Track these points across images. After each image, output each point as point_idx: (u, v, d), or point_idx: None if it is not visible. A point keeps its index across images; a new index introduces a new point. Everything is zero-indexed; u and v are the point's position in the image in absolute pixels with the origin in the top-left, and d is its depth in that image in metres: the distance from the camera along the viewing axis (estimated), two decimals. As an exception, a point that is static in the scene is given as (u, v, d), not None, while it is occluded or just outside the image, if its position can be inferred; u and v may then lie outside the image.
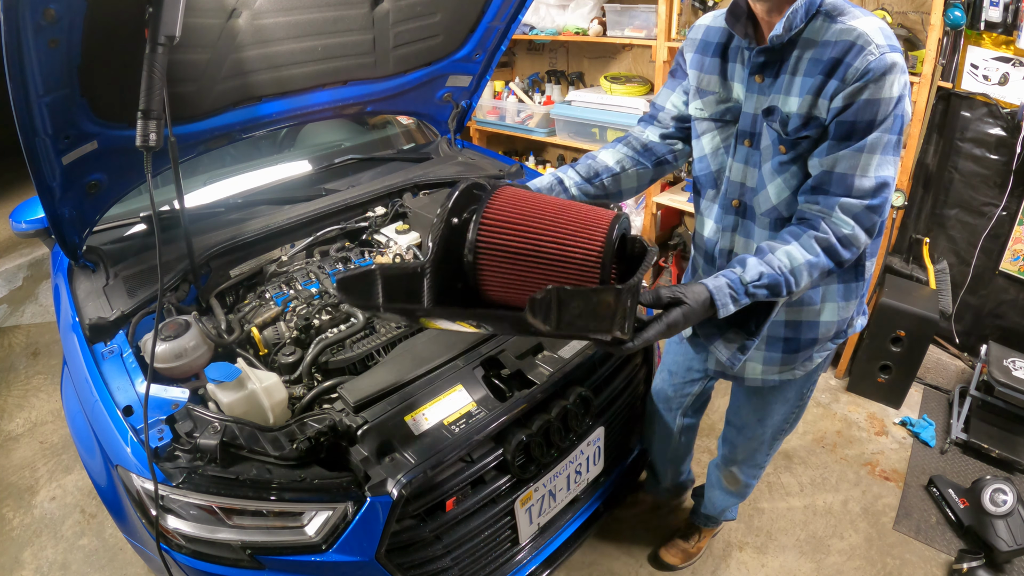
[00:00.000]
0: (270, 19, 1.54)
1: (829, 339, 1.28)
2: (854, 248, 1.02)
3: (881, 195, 1.00)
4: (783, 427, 1.51)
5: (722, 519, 1.89)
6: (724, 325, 1.07)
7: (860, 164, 0.99)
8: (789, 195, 1.11)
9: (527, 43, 3.83)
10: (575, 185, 1.27)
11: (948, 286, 2.72)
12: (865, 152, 0.98)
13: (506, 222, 0.87)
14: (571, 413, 1.48)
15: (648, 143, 1.33)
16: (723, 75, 1.16)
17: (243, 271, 1.78)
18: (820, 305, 1.22)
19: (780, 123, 1.07)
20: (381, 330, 1.62)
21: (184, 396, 1.20)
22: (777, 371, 1.32)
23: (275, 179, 2.23)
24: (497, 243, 0.86)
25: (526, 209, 0.88)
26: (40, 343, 3.18)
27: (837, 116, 0.99)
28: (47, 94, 1.15)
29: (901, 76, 0.96)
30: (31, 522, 2.16)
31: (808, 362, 1.31)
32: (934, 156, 2.61)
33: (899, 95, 0.97)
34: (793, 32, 1.01)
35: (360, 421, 1.28)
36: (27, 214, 1.83)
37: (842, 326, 1.27)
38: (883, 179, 0.99)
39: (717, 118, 1.20)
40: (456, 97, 2.34)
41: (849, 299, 1.23)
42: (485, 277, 0.87)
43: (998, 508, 1.90)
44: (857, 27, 0.97)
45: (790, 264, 0.99)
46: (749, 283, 0.97)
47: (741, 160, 1.17)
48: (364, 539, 1.19)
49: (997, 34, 2.26)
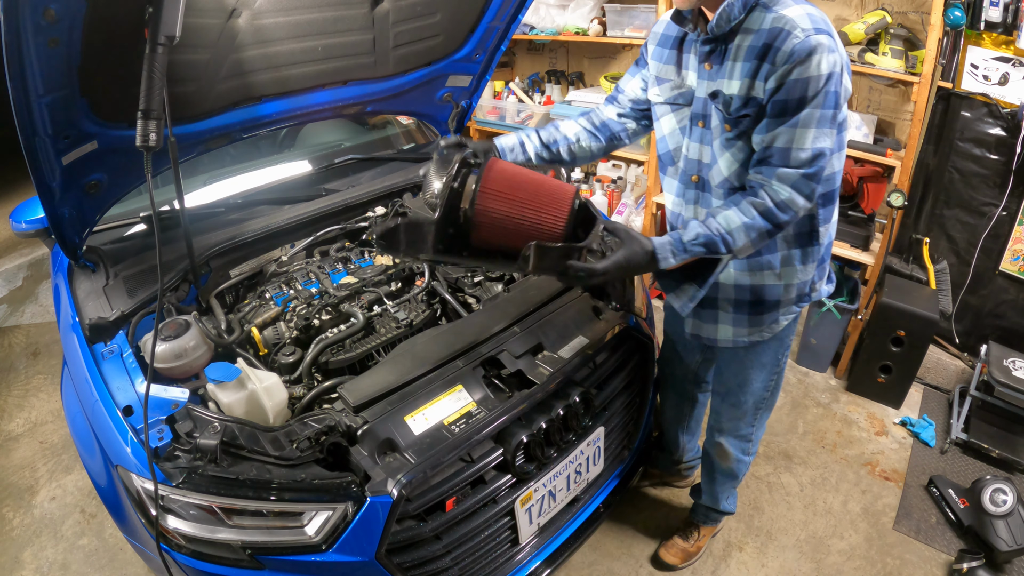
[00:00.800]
0: (270, 19, 1.54)
1: (792, 302, 1.40)
2: (791, 211, 1.14)
3: (816, 164, 1.12)
4: (763, 395, 1.58)
5: (721, 510, 1.88)
6: (680, 279, 1.29)
7: (796, 137, 1.10)
8: (738, 167, 1.25)
9: (527, 43, 3.83)
10: (533, 149, 1.48)
11: (948, 286, 2.72)
12: (799, 127, 1.10)
13: (497, 190, 1.12)
14: (571, 413, 1.48)
15: (606, 120, 1.52)
16: (678, 64, 1.30)
17: (243, 271, 1.78)
18: (780, 269, 1.35)
19: (723, 104, 1.20)
20: (381, 330, 1.62)
21: (184, 396, 1.20)
22: (747, 333, 1.44)
23: (275, 179, 2.23)
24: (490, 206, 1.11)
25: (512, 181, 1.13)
26: (40, 343, 3.18)
27: (772, 96, 1.11)
28: (47, 94, 1.15)
29: (829, 55, 1.06)
30: (31, 522, 2.16)
31: (774, 324, 1.42)
32: (934, 156, 2.62)
33: (828, 72, 1.07)
34: (734, 23, 1.14)
35: (360, 421, 1.28)
36: (27, 214, 1.83)
37: (803, 288, 1.39)
38: (819, 150, 1.11)
39: (672, 102, 1.34)
40: (456, 97, 2.34)
41: (807, 263, 1.35)
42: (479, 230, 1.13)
43: (998, 508, 1.90)
44: (786, 14, 1.08)
45: (727, 226, 1.15)
46: (687, 241, 1.16)
47: (696, 140, 1.31)
48: (364, 539, 1.19)
49: (997, 34, 2.26)
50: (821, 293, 1.44)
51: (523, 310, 1.61)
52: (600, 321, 1.65)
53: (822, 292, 1.44)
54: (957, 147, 2.52)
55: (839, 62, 1.08)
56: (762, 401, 1.60)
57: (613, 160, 3.56)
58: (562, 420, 1.47)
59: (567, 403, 1.47)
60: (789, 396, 2.65)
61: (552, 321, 1.59)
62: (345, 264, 1.84)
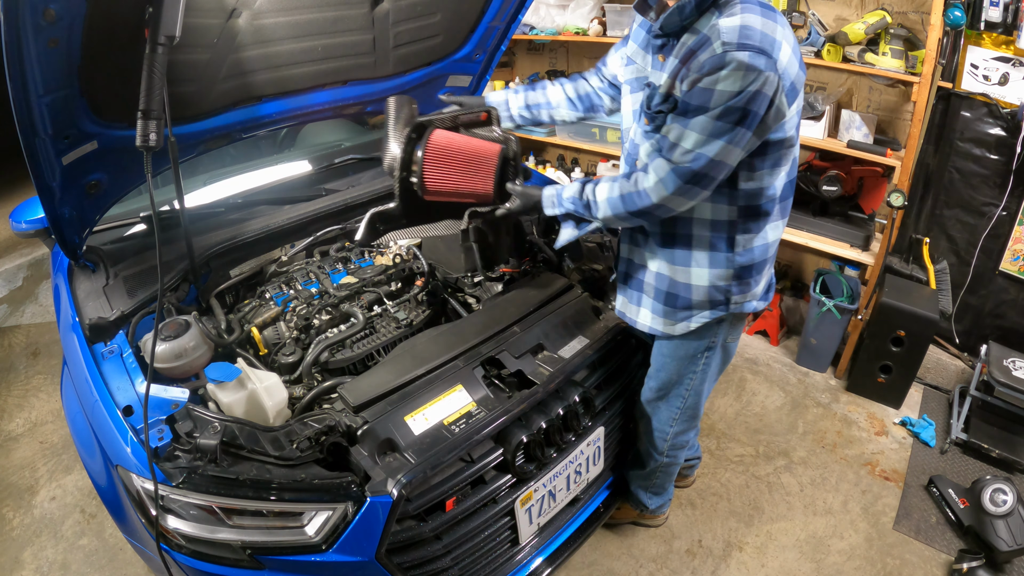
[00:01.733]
0: (270, 19, 1.54)
1: (704, 306, 1.40)
2: (651, 200, 1.20)
3: (694, 165, 1.14)
4: (675, 398, 1.59)
5: (636, 497, 1.90)
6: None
7: (683, 135, 1.14)
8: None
9: (527, 43, 3.83)
10: (517, 108, 1.59)
11: (948, 286, 2.72)
12: (688, 128, 1.13)
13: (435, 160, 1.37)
14: (571, 413, 1.48)
15: (589, 91, 1.57)
16: (646, 50, 1.32)
17: (243, 271, 1.78)
18: (689, 268, 1.36)
19: (647, 98, 1.25)
20: (381, 330, 1.62)
21: (184, 396, 1.20)
22: (661, 323, 1.46)
23: (275, 179, 2.23)
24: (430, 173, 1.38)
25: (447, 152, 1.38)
26: (40, 343, 3.18)
27: (682, 97, 1.14)
28: (47, 94, 1.15)
29: (743, 74, 1.05)
30: (31, 522, 2.16)
31: (686, 323, 1.43)
32: (934, 156, 2.62)
33: (737, 91, 1.06)
34: (685, 22, 1.15)
35: (360, 421, 1.29)
36: (27, 214, 1.82)
37: (715, 296, 1.38)
38: (701, 155, 1.13)
39: (631, 83, 1.38)
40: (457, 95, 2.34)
41: (716, 267, 1.34)
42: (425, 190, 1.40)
43: (998, 508, 1.89)
44: (721, 24, 1.08)
45: (596, 195, 1.27)
46: (564, 198, 1.33)
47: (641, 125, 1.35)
48: (364, 539, 1.19)
49: (997, 34, 2.26)
50: (745, 307, 1.41)
51: (523, 310, 1.61)
52: (600, 321, 1.65)
53: (747, 306, 1.41)
54: (957, 147, 2.52)
55: (761, 81, 1.05)
56: (673, 402, 1.60)
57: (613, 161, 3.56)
58: (562, 420, 1.47)
59: (567, 403, 1.47)
60: (789, 396, 2.65)
61: (552, 321, 1.59)
62: (345, 264, 1.84)
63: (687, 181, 1.16)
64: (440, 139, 1.38)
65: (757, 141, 1.16)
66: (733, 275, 1.36)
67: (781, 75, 1.09)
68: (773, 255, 1.40)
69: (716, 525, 2.08)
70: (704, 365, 1.52)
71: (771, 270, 1.46)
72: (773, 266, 1.46)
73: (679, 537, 2.04)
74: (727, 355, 1.57)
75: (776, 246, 1.39)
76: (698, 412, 1.65)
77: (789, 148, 1.22)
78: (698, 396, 1.59)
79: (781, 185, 1.28)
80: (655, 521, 2.04)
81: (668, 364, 1.55)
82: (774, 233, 1.35)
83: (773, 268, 1.47)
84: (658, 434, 1.69)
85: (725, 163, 1.15)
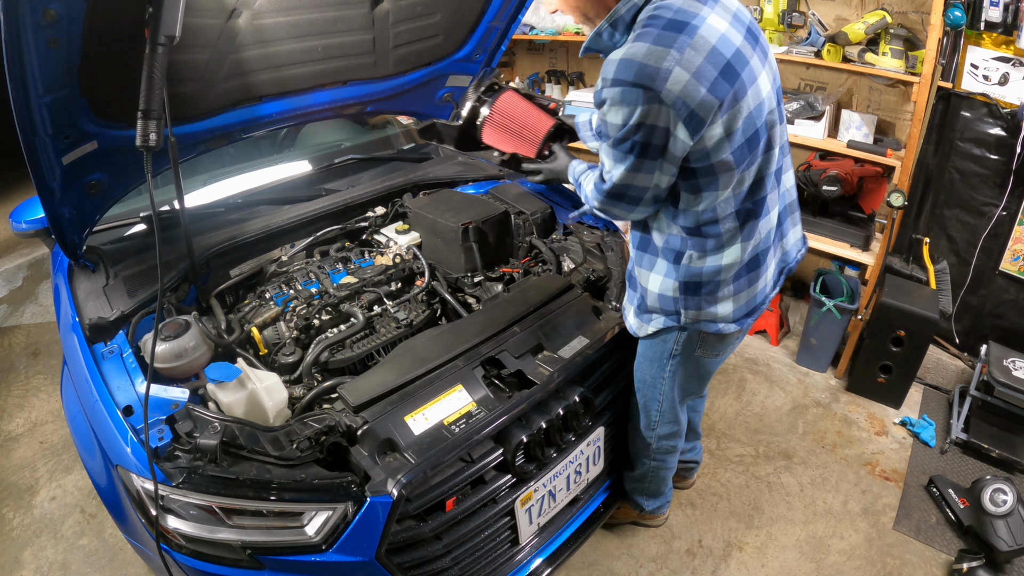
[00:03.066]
0: (270, 19, 1.54)
1: (658, 312, 1.41)
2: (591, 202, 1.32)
3: (607, 184, 1.23)
4: (644, 390, 1.60)
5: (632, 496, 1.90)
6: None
7: (601, 157, 1.25)
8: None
9: (527, 43, 3.83)
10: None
11: (948, 286, 2.72)
12: (602, 152, 1.23)
13: (498, 119, 1.65)
14: (571, 413, 1.48)
15: None
16: None
17: (243, 271, 1.78)
18: (650, 273, 1.39)
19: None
20: (381, 330, 1.62)
21: (184, 396, 1.20)
22: (636, 323, 1.50)
23: (275, 179, 2.23)
24: (489, 129, 1.67)
25: (509, 112, 1.65)
26: (40, 343, 3.18)
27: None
28: (47, 94, 1.15)
29: (618, 108, 1.09)
30: (31, 522, 2.16)
31: (647, 325, 1.46)
32: (934, 156, 2.62)
33: (620, 123, 1.10)
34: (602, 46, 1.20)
35: (360, 421, 1.28)
36: (27, 214, 1.83)
37: (666, 305, 1.38)
38: (611, 175, 1.21)
39: None
40: (456, 97, 2.34)
41: (667, 277, 1.36)
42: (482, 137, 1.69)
43: (998, 508, 1.89)
44: (613, 57, 1.09)
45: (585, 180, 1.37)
46: (575, 173, 1.45)
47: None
48: (364, 539, 1.19)
49: (997, 34, 2.26)
50: (705, 327, 1.37)
51: (523, 310, 1.61)
52: (600, 321, 1.65)
53: (708, 326, 1.37)
54: (957, 147, 2.52)
55: (640, 114, 1.07)
56: (651, 405, 1.60)
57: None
58: (562, 420, 1.47)
59: (567, 403, 1.47)
60: (789, 396, 2.65)
61: (552, 321, 1.59)
62: (345, 264, 1.84)
63: (608, 197, 1.25)
64: (503, 105, 1.65)
65: (673, 167, 1.15)
66: (679, 288, 1.34)
67: (672, 104, 1.05)
68: (736, 279, 1.31)
69: (716, 525, 2.08)
70: (671, 372, 1.51)
71: (746, 296, 1.35)
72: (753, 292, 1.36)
73: (679, 537, 2.04)
74: (701, 368, 1.52)
75: (739, 270, 1.30)
76: (677, 418, 1.64)
77: (727, 172, 1.16)
78: (672, 402, 1.59)
79: (729, 209, 1.22)
80: (655, 521, 2.04)
81: (641, 364, 1.57)
82: (731, 256, 1.28)
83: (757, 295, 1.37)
84: (643, 437, 1.70)
85: (638, 185, 1.18)
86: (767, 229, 1.31)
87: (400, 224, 1.99)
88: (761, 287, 1.37)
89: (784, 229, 1.42)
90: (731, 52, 1.09)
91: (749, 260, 1.31)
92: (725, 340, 1.44)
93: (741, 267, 1.31)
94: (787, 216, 1.42)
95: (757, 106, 1.15)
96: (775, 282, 1.45)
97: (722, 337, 1.42)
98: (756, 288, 1.36)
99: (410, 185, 2.12)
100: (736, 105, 1.10)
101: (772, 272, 1.41)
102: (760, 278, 1.36)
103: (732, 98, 1.09)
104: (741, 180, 1.20)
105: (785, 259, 1.46)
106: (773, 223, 1.33)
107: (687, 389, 1.59)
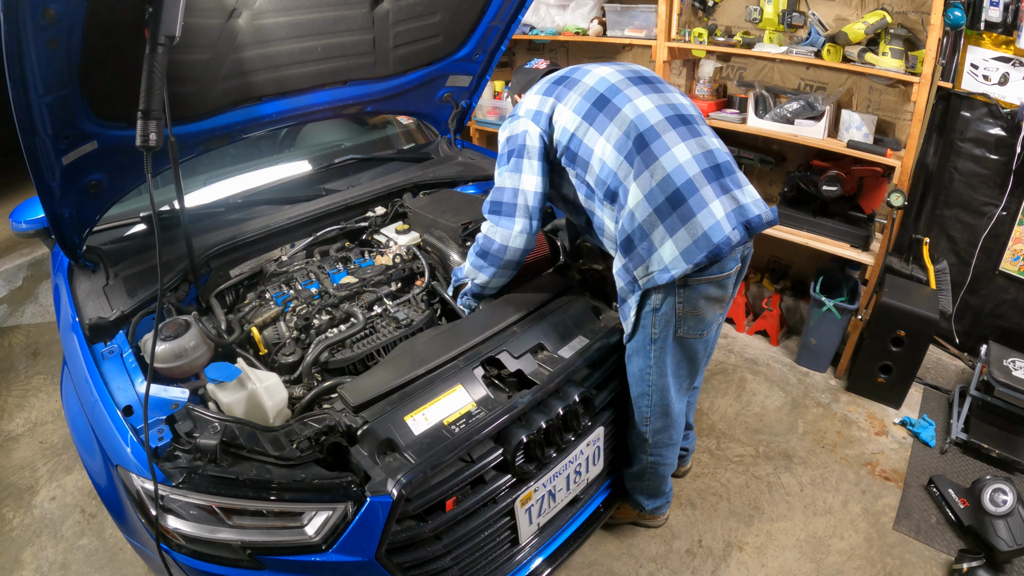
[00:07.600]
0: (270, 19, 1.54)
1: (626, 294, 1.49)
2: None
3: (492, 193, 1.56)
4: (635, 383, 1.61)
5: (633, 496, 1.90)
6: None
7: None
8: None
9: (527, 43, 3.83)
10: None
11: (948, 286, 2.72)
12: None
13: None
14: (571, 413, 1.48)
15: None
16: None
17: (243, 271, 1.78)
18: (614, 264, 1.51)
19: None
20: (381, 330, 1.62)
21: (184, 396, 1.20)
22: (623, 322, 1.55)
23: (275, 179, 2.23)
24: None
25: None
26: (40, 343, 3.18)
27: None
28: (47, 94, 1.15)
29: (508, 137, 1.54)
30: (31, 522, 2.16)
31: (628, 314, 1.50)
32: (934, 156, 2.62)
33: (505, 140, 1.55)
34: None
35: (360, 421, 1.28)
36: (27, 214, 1.82)
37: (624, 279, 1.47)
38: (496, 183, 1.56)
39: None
40: (456, 97, 2.34)
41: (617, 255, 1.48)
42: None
43: (998, 508, 1.89)
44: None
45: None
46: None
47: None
48: (364, 539, 1.19)
49: (997, 34, 2.26)
50: (656, 277, 1.37)
51: (523, 310, 1.61)
52: (600, 321, 1.65)
53: (659, 277, 1.37)
54: (957, 147, 2.51)
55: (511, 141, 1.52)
56: (642, 400, 1.61)
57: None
58: (562, 420, 1.47)
59: (567, 403, 1.47)
60: (789, 396, 2.65)
61: (552, 321, 1.59)
62: (345, 264, 1.84)
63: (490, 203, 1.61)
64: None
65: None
66: (621, 254, 1.45)
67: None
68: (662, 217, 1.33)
69: (716, 525, 2.08)
70: (656, 360, 1.51)
71: (686, 233, 1.33)
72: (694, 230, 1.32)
73: (679, 537, 2.04)
74: (686, 351, 1.51)
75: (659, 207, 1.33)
76: (669, 410, 1.62)
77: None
78: (661, 393, 1.58)
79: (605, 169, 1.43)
80: (655, 521, 2.04)
81: (630, 357, 1.58)
82: (634, 197, 1.37)
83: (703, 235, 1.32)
84: (639, 432, 1.70)
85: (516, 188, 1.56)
86: (672, 165, 1.35)
87: (400, 224, 1.99)
88: (705, 224, 1.32)
89: (725, 182, 1.38)
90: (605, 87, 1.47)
91: (668, 196, 1.34)
92: (700, 315, 1.42)
93: (660, 204, 1.34)
94: (726, 175, 1.40)
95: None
96: (734, 228, 1.34)
97: (696, 311, 1.41)
98: (696, 225, 1.32)
99: (410, 185, 2.12)
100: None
101: (719, 212, 1.34)
102: (694, 214, 1.32)
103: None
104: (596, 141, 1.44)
105: (743, 212, 1.37)
106: (679, 160, 1.35)
107: (678, 376, 1.56)
